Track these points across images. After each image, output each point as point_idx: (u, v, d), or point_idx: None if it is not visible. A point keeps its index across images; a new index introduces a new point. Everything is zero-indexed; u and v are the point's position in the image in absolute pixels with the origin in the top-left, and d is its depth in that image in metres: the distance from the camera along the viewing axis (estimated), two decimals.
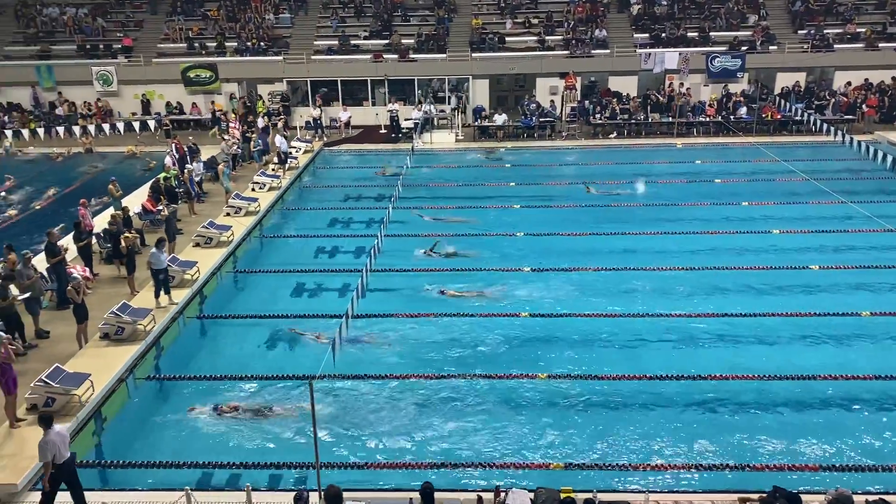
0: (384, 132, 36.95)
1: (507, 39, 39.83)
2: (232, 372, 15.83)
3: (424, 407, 14.58)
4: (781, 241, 22.61)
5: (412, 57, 39.07)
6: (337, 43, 40.21)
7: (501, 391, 14.93)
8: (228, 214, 24.97)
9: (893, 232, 22.14)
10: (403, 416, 14.28)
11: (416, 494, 11.19)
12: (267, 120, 35.64)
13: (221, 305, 19.45)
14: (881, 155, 25.56)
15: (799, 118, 33.89)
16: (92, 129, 36.81)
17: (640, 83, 38.11)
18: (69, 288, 16.89)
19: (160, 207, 23.56)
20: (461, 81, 38.83)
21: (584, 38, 39.35)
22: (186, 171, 26.31)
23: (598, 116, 36.10)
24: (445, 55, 39.24)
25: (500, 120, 35.84)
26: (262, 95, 38.90)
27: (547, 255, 21.65)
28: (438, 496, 11.07)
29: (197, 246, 22.24)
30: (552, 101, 37.79)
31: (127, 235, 19.50)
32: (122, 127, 37.59)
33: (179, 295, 19.19)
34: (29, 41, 41.87)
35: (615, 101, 36.33)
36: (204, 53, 40.22)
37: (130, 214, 22.97)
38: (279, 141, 31.00)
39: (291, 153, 31.82)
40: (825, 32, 39.18)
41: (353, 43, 40.28)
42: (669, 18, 40.94)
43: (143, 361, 16.60)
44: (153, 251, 18.47)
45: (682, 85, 37.02)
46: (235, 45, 40.40)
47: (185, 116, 38.81)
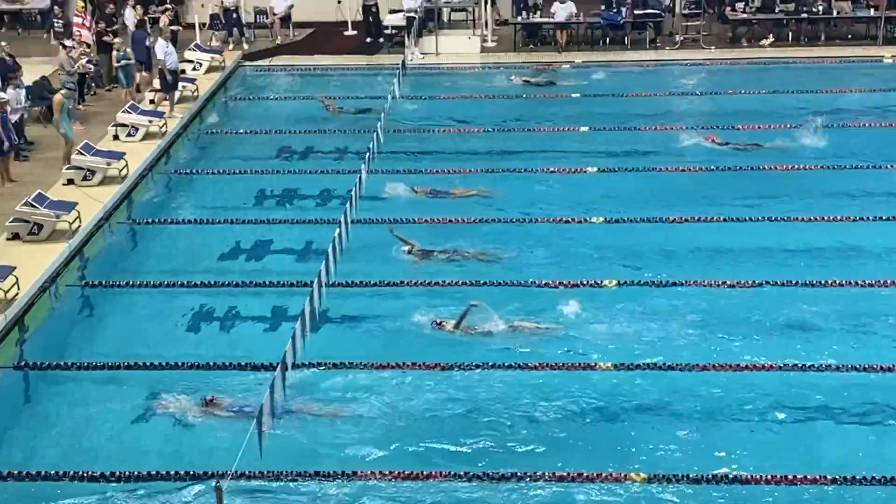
0: (352, 34, 30.74)
1: None
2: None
3: None
4: None
5: None
6: None
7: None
8: (71, 182, 21.99)
9: None
10: None
11: None
12: (141, 13, 28.89)
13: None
14: None
15: None
16: None
17: None
18: None
19: None
20: None
21: None
22: None
23: (740, 8, 29.50)
24: None
25: (562, 13, 28.92)
26: None
27: (645, 257, 18.26)
28: None
29: (14, 238, 19.33)
30: None
31: None
32: None
33: None
34: None
35: None
36: None
37: None
38: (163, 51, 25.21)
39: (185, 72, 27.11)
40: None
41: None
42: None
43: None
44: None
45: None
46: None
47: None
